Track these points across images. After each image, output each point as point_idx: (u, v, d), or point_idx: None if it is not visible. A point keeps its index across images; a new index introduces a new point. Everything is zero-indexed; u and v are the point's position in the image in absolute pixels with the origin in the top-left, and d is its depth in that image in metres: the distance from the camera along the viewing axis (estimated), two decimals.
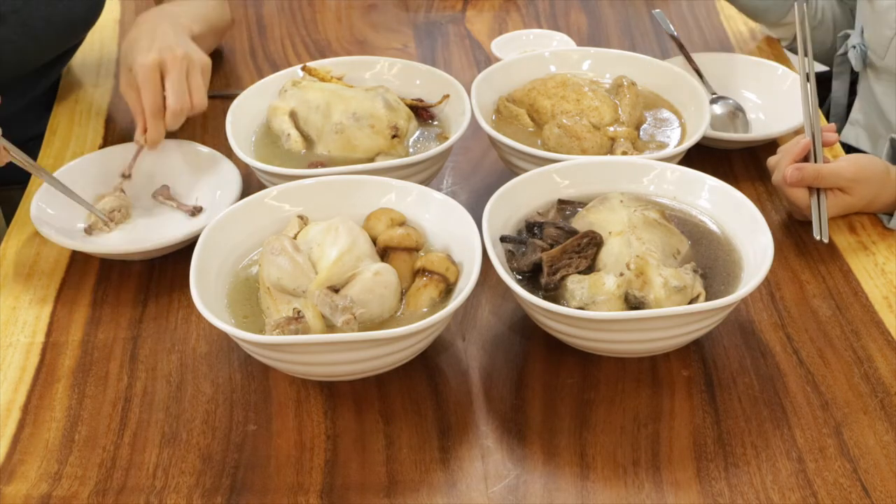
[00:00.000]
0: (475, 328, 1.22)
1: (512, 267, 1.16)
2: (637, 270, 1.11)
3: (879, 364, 1.16)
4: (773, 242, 1.14)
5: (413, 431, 1.09)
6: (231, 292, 1.17)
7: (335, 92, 1.39)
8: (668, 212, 1.22)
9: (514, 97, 1.45)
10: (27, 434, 1.10)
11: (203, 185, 1.39)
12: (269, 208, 1.24)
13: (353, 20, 1.83)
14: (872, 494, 1.02)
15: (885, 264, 1.29)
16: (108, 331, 1.22)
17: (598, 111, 1.39)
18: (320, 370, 1.11)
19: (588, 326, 1.10)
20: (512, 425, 1.10)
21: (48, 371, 1.17)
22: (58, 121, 1.59)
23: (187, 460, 1.07)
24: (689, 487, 1.03)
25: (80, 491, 1.04)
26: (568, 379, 1.15)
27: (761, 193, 1.41)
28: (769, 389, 1.13)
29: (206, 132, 1.54)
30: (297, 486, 1.04)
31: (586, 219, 1.19)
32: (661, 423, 1.10)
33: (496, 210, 1.19)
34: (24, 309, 1.25)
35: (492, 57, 1.68)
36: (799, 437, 1.08)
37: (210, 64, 1.41)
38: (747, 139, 1.46)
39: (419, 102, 1.44)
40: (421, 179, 1.32)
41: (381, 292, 1.12)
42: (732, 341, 1.19)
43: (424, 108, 1.44)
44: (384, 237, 1.18)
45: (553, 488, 1.04)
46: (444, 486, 1.04)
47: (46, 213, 1.32)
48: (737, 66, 1.60)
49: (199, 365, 1.17)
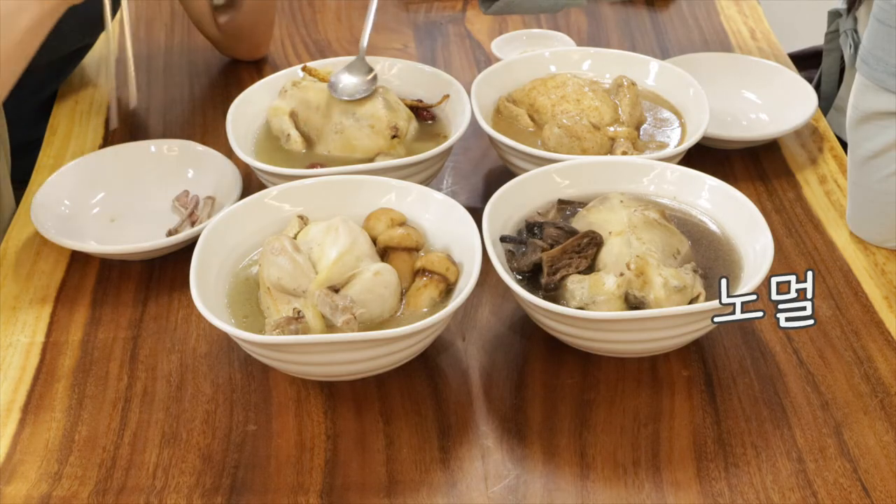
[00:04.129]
0: (475, 328, 1.22)
1: (512, 267, 1.16)
2: (637, 270, 1.11)
3: (879, 364, 1.16)
4: (773, 242, 1.14)
5: (413, 431, 1.09)
6: (231, 292, 1.17)
7: None
8: (668, 212, 1.22)
9: (514, 97, 1.45)
10: (27, 434, 1.10)
11: (203, 185, 1.39)
12: (269, 208, 1.24)
13: (353, 20, 1.83)
14: (872, 494, 1.02)
15: (885, 264, 1.29)
16: (108, 331, 1.22)
17: (598, 111, 1.39)
18: (320, 370, 1.11)
19: (588, 326, 1.10)
20: (512, 425, 1.10)
21: (48, 371, 1.17)
22: (58, 121, 1.59)
23: (187, 460, 1.07)
24: (689, 487, 1.03)
25: (80, 491, 1.04)
26: (568, 379, 1.15)
27: (761, 193, 1.41)
28: (769, 389, 1.13)
29: (206, 132, 1.54)
30: (297, 486, 1.04)
31: (586, 219, 1.19)
32: (661, 423, 1.10)
33: (496, 210, 1.19)
34: (24, 309, 1.25)
35: (492, 57, 1.68)
36: (799, 437, 1.08)
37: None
38: (747, 139, 1.46)
39: (419, 103, 1.44)
40: (421, 179, 1.32)
41: (381, 292, 1.12)
42: (732, 341, 1.19)
43: (424, 108, 1.44)
44: (384, 237, 1.18)
45: (553, 488, 1.04)
46: (444, 486, 1.04)
47: (46, 213, 1.32)
48: (737, 66, 1.60)
49: (199, 365, 1.17)
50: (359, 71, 1.39)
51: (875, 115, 1.25)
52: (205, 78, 1.68)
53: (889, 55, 1.21)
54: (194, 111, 1.61)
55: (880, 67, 1.22)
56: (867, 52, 1.24)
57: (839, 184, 1.42)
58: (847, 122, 1.30)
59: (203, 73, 1.69)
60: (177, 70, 1.70)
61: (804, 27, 2.20)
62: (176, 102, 1.63)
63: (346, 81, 1.38)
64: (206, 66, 1.71)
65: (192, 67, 1.71)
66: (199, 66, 1.71)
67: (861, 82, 1.26)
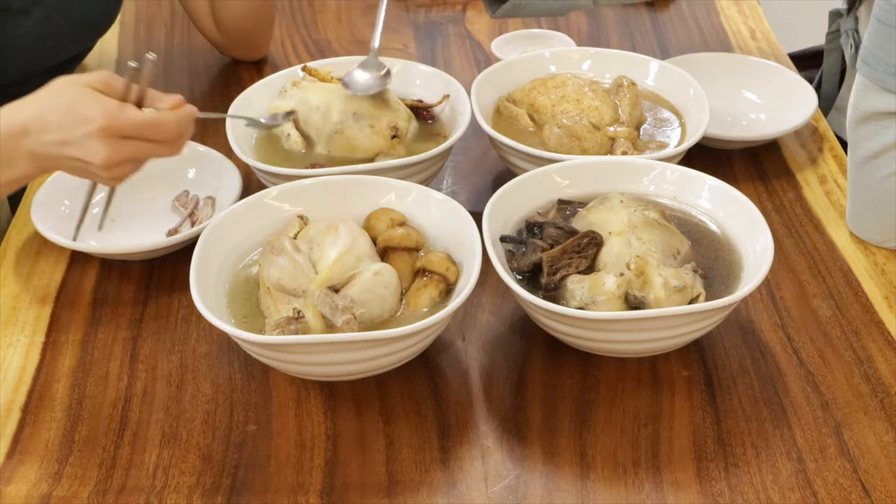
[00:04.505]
0: (475, 328, 1.22)
1: (512, 267, 1.16)
2: (637, 270, 1.11)
3: (879, 364, 1.16)
4: (773, 242, 1.14)
5: (413, 431, 1.09)
6: (231, 292, 1.17)
7: (335, 92, 1.39)
8: (668, 212, 1.22)
9: (514, 97, 1.45)
10: (27, 434, 1.10)
11: (203, 185, 1.39)
12: (269, 208, 1.24)
13: (353, 20, 1.83)
14: (872, 494, 1.02)
15: (885, 264, 1.29)
16: (108, 331, 1.22)
17: (598, 111, 1.39)
18: (320, 370, 1.11)
19: (588, 326, 1.10)
20: (512, 425, 1.10)
21: (48, 371, 1.17)
22: None
23: (187, 460, 1.07)
24: (689, 487, 1.03)
25: (80, 491, 1.04)
26: (568, 379, 1.15)
27: (761, 193, 1.41)
28: (769, 389, 1.13)
29: (206, 132, 1.53)
30: (297, 486, 1.04)
31: (586, 219, 1.19)
32: (661, 423, 1.10)
33: (496, 210, 1.19)
34: (24, 309, 1.25)
35: (492, 57, 1.68)
36: (799, 437, 1.08)
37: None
38: (747, 139, 1.46)
39: (419, 103, 1.44)
40: (421, 179, 1.32)
41: (381, 292, 1.12)
42: (732, 341, 1.19)
43: (424, 108, 1.44)
44: (384, 237, 1.18)
45: (553, 488, 1.04)
46: (444, 486, 1.04)
47: (46, 213, 1.32)
48: (737, 66, 1.60)
49: (199, 365, 1.17)
50: (372, 67, 1.40)
51: (875, 115, 1.25)
52: (205, 78, 1.68)
53: (889, 55, 1.21)
54: None
55: (881, 67, 1.22)
56: (867, 52, 1.24)
57: (839, 184, 1.42)
58: (847, 122, 1.30)
59: (203, 73, 1.69)
60: (177, 70, 1.70)
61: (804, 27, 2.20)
62: None
63: (360, 77, 1.39)
64: (206, 66, 1.71)
65: (192, 67, 1.71)
66: (199, 66, 1.71)
67: (861, 82, 1.26)
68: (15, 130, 1.09)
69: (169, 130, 1.12)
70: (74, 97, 1.09)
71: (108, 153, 1.08)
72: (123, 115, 1.08)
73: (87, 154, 1.09)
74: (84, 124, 1.08)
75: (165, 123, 1.11)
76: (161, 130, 1.11)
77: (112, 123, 1.08)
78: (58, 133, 1.08)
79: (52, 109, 1.09)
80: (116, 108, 1.08)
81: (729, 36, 1.77)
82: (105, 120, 1.07)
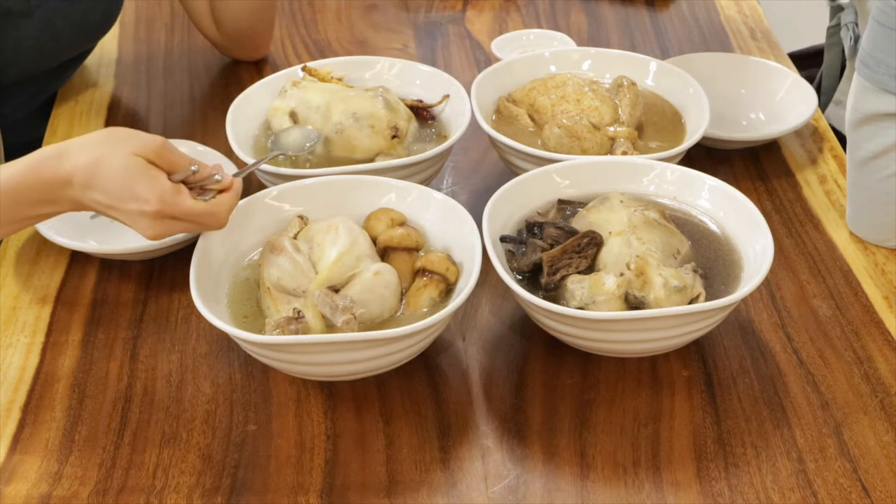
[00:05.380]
0: (475, 328, 1.22)
1: (512, 267, 1.16)
2: (637, 270, 1.11)
3: (879, 364, 1.16)
4: (773, 242, 1.14)
5: (413, 431, 1.09)
6: (231, 292, 1.17)
7: (335, 92, 1.39)
8: (668, 212, 1.22)
9: (514, 97, 1.45)
10: (27, 434, 1.10)
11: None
12: (269, 208, 1.24)
13: (353, 20, 1.83)
14: (872, 494, 1.02)
15: (885, 264, 1.29)
16: (107, 331, 1.22)
17: (598, 111, 1.39)
18: (320, 370, 1.11)
19: (588, 326, 1.10)
20: (512, 425, 1.10)
21: (48, 371, 1.17)
22: (58, 121, 1.59)
23: (187, 460, 1.07)
24: (689, 487, 1.03)
25: (80, 491, 1.04)
26: (568, 379, 1.15)
27: (761, 193, 1.41)
28: (769, 389, 1.13)
29: (206, 132, 1.54)
30: (297, 486, 1.04)
31: (586, 219, 1.20)
32: (661, 423, 1.10)
33: (496, 210, 1.20)
34: (24, 309, 1.25)
35: (492, 57, 1.68)
36: (799, 437, 1.08)
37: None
38: (747, 139, 1.46)
39: (419, 103, 1.44)
40: (421, 179, 1.32)
41: (381, 292, 1.12)
42: (732, 341, 1.19)
43: (424, 109, 1.44)
44: (384, 237, 1.18)
45: (553, 488, 1.04)
46: (444, 486, 1.04)
47: None
48: (737, 66, 1.60)
49: (199, 365, 1.17)
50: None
51: (875, 116, 1.25)
52: (205, 78, 1.68)
53: (889, 57, 1.21)
54: (194, 111, 1.61)
55: (880, 69, 1.22)
56: (867, 54, 1.24)
57: (839, 184, 1.42)
58: (846, 123, 1.30)
59: (203, 73, 1.69)
60: (177, 70, 1.70)
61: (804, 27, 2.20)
62: (176, 102, 1.63)
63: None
64: (206, 66, 1.71)
65: (192, 67, 1.71)
66: (199, 66, 1.71)
67: (861, 84, 1.26)
68: (60, 179, 1.09)
69: (220, 220, 1.13)
70: (128, 170, 1.07)
71: (159, 231, 1.10)
72: (177, 203, 1.08)
73: (137, 227, 1.10)
74: (136, 202, 1.08)
75: (218, 214, 1.12)
76: (213, 220, 1.12)
77: (165, 210, 1.08)
78: (106, 198, 1.09)
79: (103, 175, 1.08)
80: (171, 194, 1.08)
81: (729, 36, 1.77)
82: (159, 205, 1.07)
